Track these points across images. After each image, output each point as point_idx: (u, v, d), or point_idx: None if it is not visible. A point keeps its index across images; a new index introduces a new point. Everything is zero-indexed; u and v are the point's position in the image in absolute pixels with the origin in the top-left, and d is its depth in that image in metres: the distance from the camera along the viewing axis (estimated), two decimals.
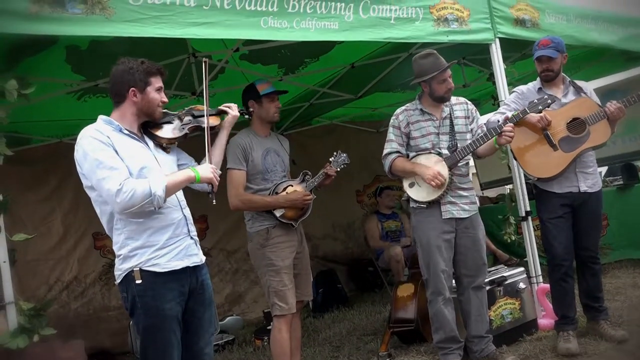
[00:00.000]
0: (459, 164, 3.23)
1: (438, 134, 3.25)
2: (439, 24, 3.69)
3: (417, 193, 3.24)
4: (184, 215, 2.33)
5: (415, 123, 3.27)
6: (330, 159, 3.35)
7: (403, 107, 3.37)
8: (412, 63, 3.30)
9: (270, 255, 3.13)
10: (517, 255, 5.58)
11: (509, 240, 4.83)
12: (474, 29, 3.88)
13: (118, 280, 2.22)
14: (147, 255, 2.16)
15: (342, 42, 4.27)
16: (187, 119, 2.46)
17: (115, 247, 2.22)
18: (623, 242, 5.11)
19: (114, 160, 2.11)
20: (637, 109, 3.22)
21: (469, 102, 3.40)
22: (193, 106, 2.58)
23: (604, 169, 5.89)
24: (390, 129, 3.35)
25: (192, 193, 2.52)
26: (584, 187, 3.26)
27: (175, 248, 2.24)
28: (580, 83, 3.39)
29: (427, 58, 3.19)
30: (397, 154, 3.30)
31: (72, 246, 5.29)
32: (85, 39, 3.40)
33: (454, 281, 3.36)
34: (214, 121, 2.55)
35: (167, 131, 2.39)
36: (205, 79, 2.52)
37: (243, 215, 3.34)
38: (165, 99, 2.34)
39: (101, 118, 2.26)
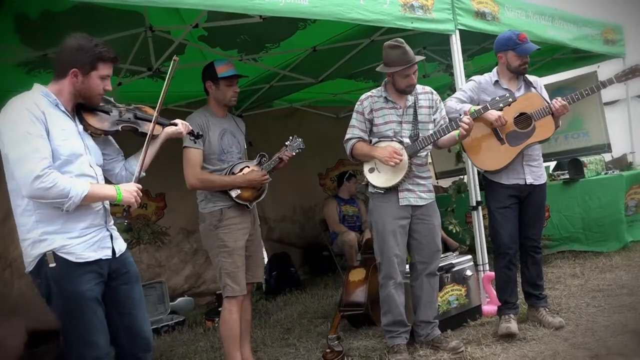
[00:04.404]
0: (419, 154, 3.27)
1: (400, 122, 3.27)
2: (406, 9, 3.70)
3: (376, 179, 3.28)
4: (104, 206, 2.26)
5: (378, 110, 3.28)
6: (287, 143, 3.34)
7: (368, 93, 3.36)
8: (381, 49, 3.26)
9: (223, 236, 3.11)
10: (465, 244, 5.74)
11: (454, 231, 5.00)
12: (437, 19, 3.92)
13: (29, 268, 2.09)
14: (60, 242, 2.06)
15: (305, 27, 4.25)
16: (127, 116, 2.35)
17: (21, 230, 2.10)
18: (562, 234, 5.31)
19: (43, 141, 2.01)
20: (583, 108, 3.34)
21: (435, 92, 3.42)
22: (141, 106, 2.47)
23: (552, 164, 6.09)
24: (354, 115, 3.36)
25: (151, 171, 2.47)
26: (530, 180, 3.37)
27: (91, 238, 2.16)
28: (531, 78, 3.49)
29: (395, 49, 3.16)
30: (358, 139, 3.32)
31: None
32: (36, 6, 3.24)
33: (407, 267, 3.43)
34: (157, 129, 2.43)
35: (100, 120, 2.28)
36: (168, 80, 2.41)
37: None
38: (109, 88, 2.24)
39: (39, 89, 2.15)
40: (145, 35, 3.86)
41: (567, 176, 5.38)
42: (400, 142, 3.23)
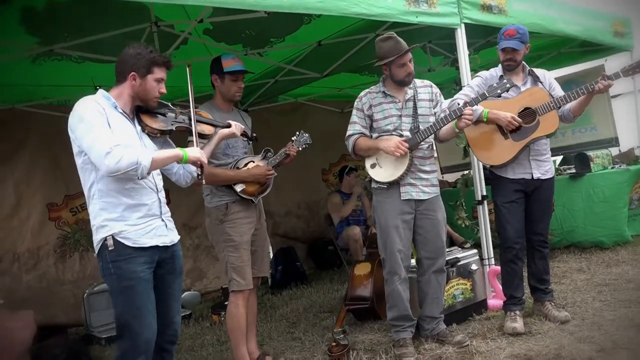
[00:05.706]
0: (420, 146, 3.27)
1: (400, 116, 3.27)
2: (410, 3, 3.67)
3: (378, 174, 3.27)
4: (159, 198, 2.44)
5: (377, 105, 3.29)
6: (293, 138, 3.34)
7: (367, 90, 3.37)
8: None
9: (229, 230, 3.12)
10: (474, 238, 5.72)
11: (463, 226, 4.99)
12: (442, 13, 3.88)
13: (96, 251, 2.30)
14: (119, 228, 2.25)
15: (310, 21, 4.24)
16: (181, 117, 2.54)
17: (91, 217, 2.32)
18: (564, 229, 5.26)
19: (107, 127, 2.21)
20: (590, 102, 3.32)
21: (434, 86, 3.42)
22: (197, 110, 2.65)
23: (559, 158, 6.05)
24: (354, 111, 3.36)
25: None
26: (537, 174, 3.36)
27: (147, 226, 2.32)
28: (538, 72, 3.46)
29: (386, 41, 3.18)
30: (360, 134, 3.32)
31: (26, 217, 5.11)
32: None
33: (413, 261, 3.43)
34: (207, 130, 2.63)
35: (156, 121, 2.47)
36: (190, 85, 2.57)
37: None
38: (164, 90, 2.42)
39: (101, 92, 2.36)
40: (150, 30, 3.86)
41: (573, 171, 5.35)
42: (401, 136, 3.22)
